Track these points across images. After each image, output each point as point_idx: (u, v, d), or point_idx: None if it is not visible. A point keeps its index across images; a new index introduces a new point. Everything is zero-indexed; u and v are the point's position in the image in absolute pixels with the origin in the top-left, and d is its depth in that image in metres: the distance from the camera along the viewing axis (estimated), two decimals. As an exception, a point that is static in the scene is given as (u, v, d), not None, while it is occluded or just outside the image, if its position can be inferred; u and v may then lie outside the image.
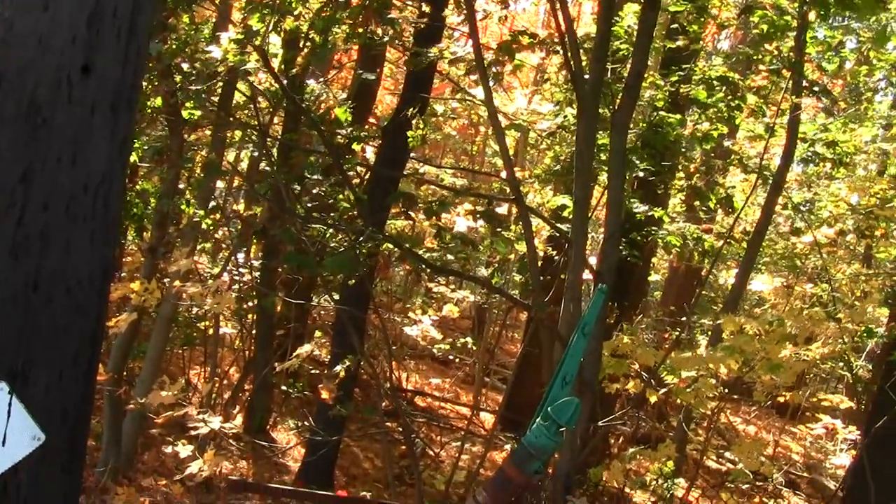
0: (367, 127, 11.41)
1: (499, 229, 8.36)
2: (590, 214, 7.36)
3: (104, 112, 2.66)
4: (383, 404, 10.11)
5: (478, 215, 7.86)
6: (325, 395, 7.43)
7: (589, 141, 6.42)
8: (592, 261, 6.55)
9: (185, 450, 5.80)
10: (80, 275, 2.69)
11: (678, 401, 7.03)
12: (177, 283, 6.67)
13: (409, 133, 8.72)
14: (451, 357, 17.03)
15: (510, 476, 3.79)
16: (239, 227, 11.39)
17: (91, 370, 2.81)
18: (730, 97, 9.14)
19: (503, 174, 12.29)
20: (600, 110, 6.92)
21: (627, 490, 9.38)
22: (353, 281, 8.41)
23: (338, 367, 7.86)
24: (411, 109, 8.89)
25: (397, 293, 18.49)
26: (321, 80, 11.18)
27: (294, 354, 7.51)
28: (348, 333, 8.32)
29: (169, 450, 6.63)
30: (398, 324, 13.74)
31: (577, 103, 6.44)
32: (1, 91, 2.58)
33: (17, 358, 2.62)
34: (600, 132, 8.04)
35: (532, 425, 3.88)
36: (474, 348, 16.12)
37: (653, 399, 6.80)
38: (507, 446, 13.06)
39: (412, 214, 7.67)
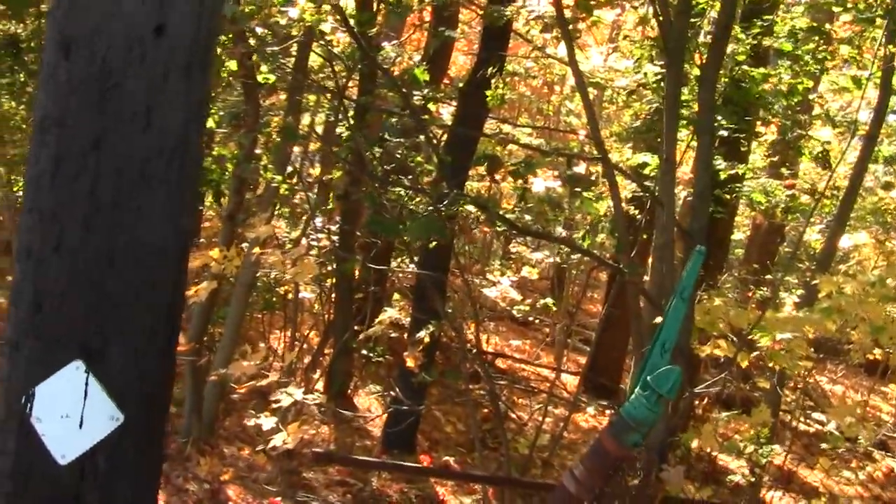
0: (443, 87, 11.23)
1: (579, 189, 8.17)
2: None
3: (178, 74, 2.51)
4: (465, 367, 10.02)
5: (566, 177, 7.66)
6: (410, 362, 7.30)
7: (676, 96, 6.22)
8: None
9: (268, 422, 5.72)
10: (156, 245, 2.56)
11: (770, 363, 6.80)
12: (256, 249, 6.57)
13: (489, 92, 8.55)
14: (530, 318, 16.90)
15: (607, 449, 3.62)
16: (315, 191, 11.30)
17: (170, 345, 2.67)
18: (819, 48, 8.84)
19: (581, 133, 12.10)
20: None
21: (714, 454, 9.20)
22: (434, 244, 8.29)
23: (422, 333, 7.74)
24: (490, 68, 8.72)
25: (474, 255, 18.36)
26: (395, 42, 11.03)
27: (377, 320, 7.39)
28: (431, 297, 8.19)
29: (252, 423, 6.55)
30: (477, 286, 13.64)
31: (665, 57, 6.23)
32: (71, 56, 2.45)
33: (92, 335, 2.50)
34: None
35: (630, 395, 3.72)
36: (554, 309, 15.99)
37: (745, 363, 6.58)
38: (591, 409, 12.93)
39: (496, 176, 7.50)
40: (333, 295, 11.44)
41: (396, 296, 13.95)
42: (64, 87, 2.46)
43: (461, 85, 9.94)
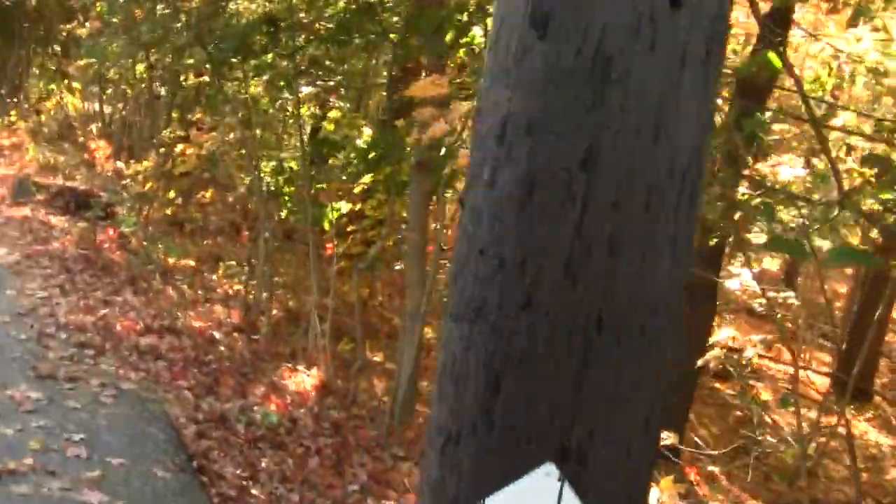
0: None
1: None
2: None
3: (695, 62, 1.75)
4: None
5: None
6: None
7: None
8: None
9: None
10: (657, 300, 1.79)
11: None
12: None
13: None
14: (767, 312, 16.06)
15: None
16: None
17: (657, 437, 1.93)
18: None
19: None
20: None
21: None
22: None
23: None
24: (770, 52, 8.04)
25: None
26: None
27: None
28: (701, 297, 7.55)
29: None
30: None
31: None
32: (550, 36, 1.72)
33: (570, 428, 1.75)
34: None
35: None
36: (796, 302, 15.08)
37: None
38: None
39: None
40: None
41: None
42: (538, 80, 1.73)
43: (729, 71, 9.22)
